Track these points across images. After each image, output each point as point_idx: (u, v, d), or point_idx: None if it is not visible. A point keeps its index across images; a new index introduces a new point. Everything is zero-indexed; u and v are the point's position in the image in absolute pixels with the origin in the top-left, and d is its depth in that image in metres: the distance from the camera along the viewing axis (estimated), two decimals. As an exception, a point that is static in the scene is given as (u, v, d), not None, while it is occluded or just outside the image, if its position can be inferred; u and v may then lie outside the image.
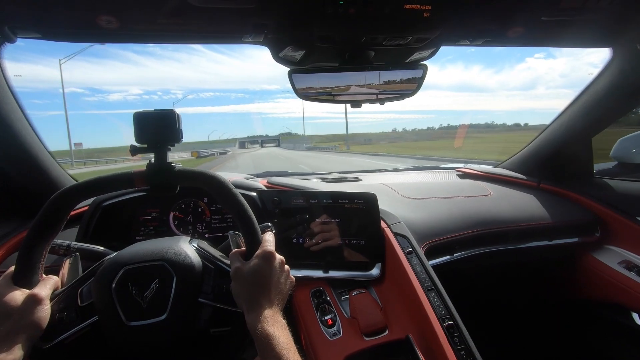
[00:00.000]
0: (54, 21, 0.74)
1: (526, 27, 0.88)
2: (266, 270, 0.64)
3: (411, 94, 0.92)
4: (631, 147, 1.44)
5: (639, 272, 1.18)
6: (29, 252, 0.61)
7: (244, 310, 0.61)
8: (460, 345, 0.76)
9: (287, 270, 0.70)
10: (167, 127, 0.66)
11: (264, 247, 0.67)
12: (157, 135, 0.66)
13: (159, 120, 0.65)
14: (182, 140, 0.68)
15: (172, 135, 0.66)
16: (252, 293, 0.62)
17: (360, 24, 0.75)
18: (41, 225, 0.62)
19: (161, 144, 0.67)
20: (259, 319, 0.58)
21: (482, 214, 1.26)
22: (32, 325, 0.57)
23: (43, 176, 1.09)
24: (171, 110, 0.66)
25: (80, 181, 0.65)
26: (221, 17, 0.76)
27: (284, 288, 0.67)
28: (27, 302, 0.58)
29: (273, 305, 0.62)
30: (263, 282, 0.63)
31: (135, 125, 0.65)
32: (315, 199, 1.01)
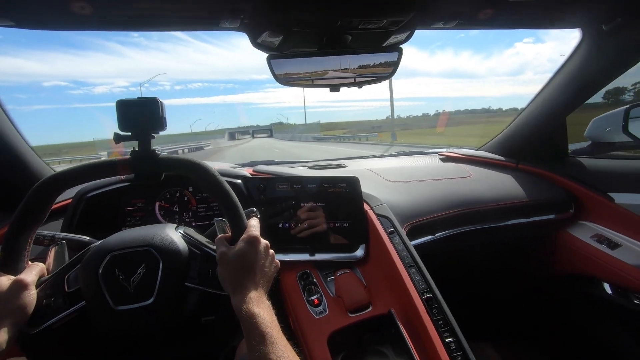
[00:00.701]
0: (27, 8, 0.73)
1: (496, 8, 0.90)
2: (251, 254, 0.66)
3: (388, 77, 0.94)
4: (604, 126, 1.49)
5: (609, 245, 1.25)
6: (13, 239, 0.62)
7: (230, 293, 0.63)
8: (439, 315, 0.80)
9: (272, 254, 0.72)
10: (150, 115, 0.66)
11: (249, 232, 0.68)
12: (140, 123, 0.66)
13: (142, 107, 0.66)
14: (166, 128, 0.69)
15: (156, 123, 0.67)
16: (237, 276, 0.64)
17: (335, 7, 0.76)
18: (25, 212, 0.62)
19: (145, 131, 0.67)
20: (244, 301, 0.60)
21: (462, 195, 1.30)
22: (17, 311, 0.58)
23: (24, 170, 1.08)
24: (154, 98, 0.66)
25: (64, 169, 0.66)
26: (197, 2, 0.76)
27: (269, 271, 0.69)
28: (12, 288, 0.58)
29: (258, 287, 0.64)
30: (248, 266, 0.65)
31: (119, 113, 0.65)
32: (300, 185, 1.03)
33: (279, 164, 1.68)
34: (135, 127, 0.67)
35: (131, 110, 0.66)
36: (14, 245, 0.62)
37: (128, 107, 0.65)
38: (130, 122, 0.66)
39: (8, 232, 0.61)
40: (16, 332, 0.57)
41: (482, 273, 1.61)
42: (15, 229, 0.61)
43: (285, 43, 0.89)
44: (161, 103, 0.67)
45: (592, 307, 1.40)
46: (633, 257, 1.17)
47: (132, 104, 0.66)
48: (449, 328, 0.78)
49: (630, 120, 1.34)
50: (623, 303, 1.24)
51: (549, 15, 0.99)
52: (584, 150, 1.56)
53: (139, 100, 0.66)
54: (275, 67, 0.89)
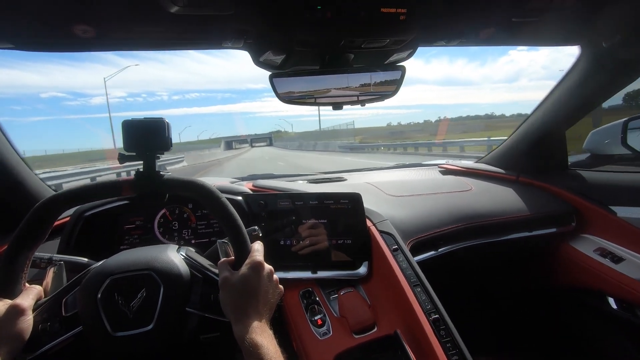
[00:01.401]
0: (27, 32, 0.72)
1: (497, 28, 0.91)
2: (255, 280, 0.64)
3: (391, 95, 0.94)
4: (602, 139, 1.50)
5: (613, 259, 1.24)
6: (11, 262, 0.60)
7: (232, 320, 0.61)
8: (447, 337, 0.79)
9: (276, 280, 0.70)
10: (156, 135, 0.66)
11: (253, 257, 0.67)
12: (146, 143, 0.66)
13: (148, 128, 0.65)
14: (171, 148, 0.68)
15: (161, 143, 0.66)
16: (240, 303, 0.62)
17: (338, 28, 0.77)
18: (25, 233, 0.61)
19: (150, 151, 0.67)
20: (247, 330, 0.58)
21: (464, 209, 1.29)
22: (13, 337, 0.56)
23: (20, 189, 1.06)
24: (161, 119, 0.66)
25: (66, 189, 0.65)
26: (200, 23, 0.76)
27: (272, 298, 0.68)
28: (8, 313, 0.57)
29: (261, 315, 0.62)
30: (251, 292, 0.63)
31: (124, 133, 0.64)
32: (301, 201, 1.02)
33: (278, 178, 1.67)
34: (140, 147, 0.66)
35: (137, 130, 0.65)
36: (11, 267, 0.60)
37: (134, 127, 0.65)
38: (135, 142, 0.66)
39: (6, 253, 0.60)
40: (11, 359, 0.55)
41: (486, 287, 1.60)
42: (14, 249, 0.60)
43: (287, 62, 0.89)
44: (167, 123, 0.67)
45: (597, 322, 1.39)
46: (638, 271, 1.16)
47: (138, 125, 0.65)
48: (457, 351, 0.76)
49: (628, 132, 1.35)
50: (628, 317, 1.23)
51: (550, 34, 1.00)
52: (583, 162, 1.57)
53: (145, 120, 0.65)
54: (277, 85, 0.89)
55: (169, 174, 0.69)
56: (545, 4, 0.81)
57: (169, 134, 0.67)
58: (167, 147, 0.67)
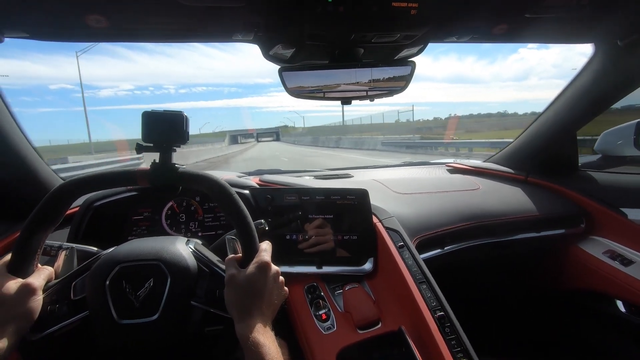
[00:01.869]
0: (42, 21, 0.73)
1: (511, 24, 0.90)
2: (261, 280, 0.65)
3: (400, 90, 0.94)
4: (614, 140, 1.48)
5: (623, 261, 1.22)
6: (27, 241, 0.61)
7: (235, 318, 0.62)
8: (452, 335, 0.78)
9: (282, 281, 0.71)
10: (174, 128, 0.67)
11: (261, 257, 0.67)
12: (164, 135, 0.67)
13: (167, 120, 0.66)
14: (187, 142, 0.69)
15: (178, 137, 0.67)
16: (244, 302, 0.63)
17: (349, 22, 0.76)
18: (41, 215, 0.62)
19: (167, 144, 0.67)
20: (249, 329, 0.59)
21: (471, 208, 1.28)
22: (23, 315, 0.57)
23: (32, 178, 1.08)
24: (180, 112, 0.67)
25: (84, 175, 0.66)
26: (211, 15, 0.76)
27: (277, 300, 0.68)
28: (20, 292, 0.58)
29: (264, 315, 0.63)
30: (256, 292, 0.64)
31: (144, 124, 0.65)
32: (308, 196, 1.02)
33: (285, 173, 1.67)
34: (158, 139, 0.67)
35: (156, 122, 0.66)
36: (26, 248, 0.62)
37: (153, 118, 0.66)
38: (153, 134, 0.67)
39: (22, 233, 0.61)
40: (19, 338, 0.57)
41: (492, 287, 1.59)
42: (30, 230, 0.61)
43: (297, 55, 0.89)
44: (186, 117, 0.68)
45: (605, 325, 1.37)
46: (647, 274, 1.15)
47: (158, 116, 0.66)
48: (462, 349, 0.76)
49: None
50: (637, 321, 1.21)
51: (564, 31, 0.98)
52: (594, 163, 1.54)
53: (165, 112, 0.66)
54: (287, 79, 0.89)
55: (184, 167, 0.70)
56: (559, 1, 0.79)
57: (187, 127, 0.68)
58: (184, 140, 0.68)
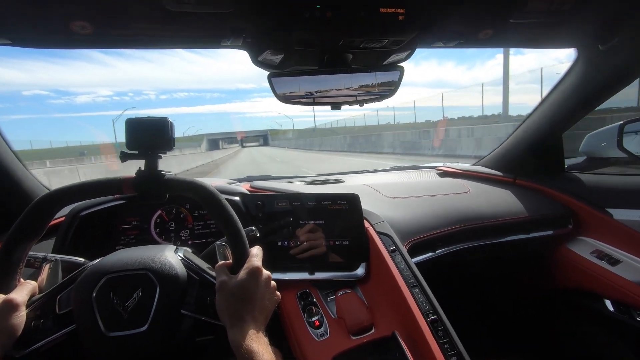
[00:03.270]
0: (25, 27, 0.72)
1: (495, 29, 0.92)
2: (252, 285, 0.64)
3: (389, 95, 0.94)
4: (598, 142, 1.51)
5: (610, 261, 1.24)
6: (8, 255, 0.60)
7: (227, 325, 0.61)
8: (445, 338, 0.78)
9: (274, 286, 0.70)
10: (159, 135, 0.66)
11: (252, 262, 0.66)
12: (148, 142, 0.66)
13: (151, 127, 0.65)
14: (173, 148, 0.68)
15: (163, 143, 0.66)
16: (236, 308, 0.62)
17: (337, 27, 0.77)
18: (23, 227, 0.60)
19: (152, 151, 0.66)
20: (242, 335, 0.58)
21: (461, 211, 1.29)
22: (5, 332, 0.56)
23: (15, 188, 1.05)
24: (164, 118, 0.66)
25: (67, 185, 0.64)
26: (199, 21, 0.76)
27: (269, 305, 0.67)
28: (2, 308, 0.56)
29: (257, 321, 0.62)
30: (248, 298, 0.63)
31: (127, 131, 0.64)
32: (299, 202, 1.02)
33: (275, 179, 1.66)
34: (142, 146, 0.66)
35: (140, 129, 0.65)
36: (7, 262, 0.60)
37: (137, 125, 0.65)
38: (137, 141, 0.65)
39: (3, 247, 0.59)
40: (1, 355, 0.55)
41: (483, 289, 1.60)
42: (11, 243, 0.59)
43: (286, 61, 0.89)
44: (171, 123, 0.67)
45: (594, 324, 1.39)
46: (634, 273, 1.17)
47: (142, 123, 0.65)
48: (455, 352, 0.76)
49: (624, 135, 1.35)
50: (625, 320, 1.23)
51: (547, 36, 1.01)
52: (579, 165, 1.57)
53: (149, 119, 0.65)
54: (276, 85, 0.89)
55: (170, 174, 0.69)
56: (542, 6, 0.81)
57: (172, 134, 0.67)
58: (170, 147, 0.67)
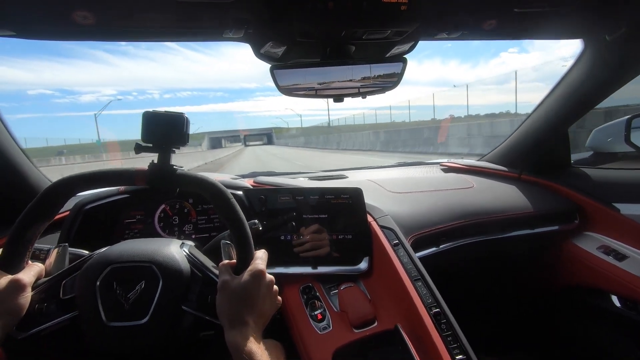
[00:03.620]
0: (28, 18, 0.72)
1: (500, 19, 0.90)
2: (254, 288, 0.64)
3: (392, 87, 0.94)
4: (605, 137, 1.49)
5: (617, 256, 1.23)
6: (20, 236, 0.60)
7: (225, 325, 0.61)
8: (448, 331, 0.78)
9: (276, 290, 0.70)
10: (174, 129, 0.66)
11: (255, 264, 0.66)
12: (163, 136, 0.66)
13: (167, 121, 0.66)
14: (187, 144, 0.69)
15: (178, 138, 0.67)
16: (236, 309, 0.62)
17: (340, 18, 0.76)
18: (35, 211, 0.61)
19: (166, 145, 0.67)
20: (240, 337, 0.58)
21: (466, 206, 1.28)
22: (10, 312, 0.56)
23: (21, 182, 1.06)
24: (181, 114, 0.66)
25: (82, 172, 0.65)
26: (201, 12, 0.76)
27: (270, 309, 0.67)
28: (8, 287, 0.57)
29: (256, 324, 0.62)
30: (249, 300, 0.63)
31: (144, 124, 0.65)
32: (302, 196, 1.02)
33: (279, 175, 1.66)
34: (157, 139, 0.66)
35: (156, 122, 0.66)
36: (17, 243, 0.60)
37: (154, 119, 0.65)
38: (153, 134, 0.66)
39: (15, 227, 0.60)
40: (4, 335, 0.55)
41: (487, 285, 1.59)
42: (24, 224, 0.60)
43: (288, 53, 0.88)
44: (186, 119, 0.67)
45: (600, 320, 1.37)
46: (641, 269, 1.15)
47: (159, 117, 0.65)
48: (458, 344, 0.75)
49: (632, 130, 1.33)
50: (632, 316, 1.21)
51: (552, 26, 0.99)
52: (586, 160, 1.55)
53: (166, 113, 0.66)
54: (278, 77, 0.88)
55: (182, 169, 0.69)
56: None
57: (187, 129, 0.68)
58: (184, 142, 0.68)
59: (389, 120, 33.64)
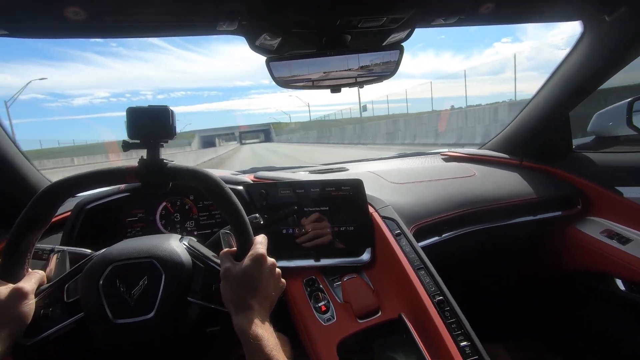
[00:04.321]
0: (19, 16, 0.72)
1: (497, 2, 0.89)
2: (256, 272, 0.64)
3: (389, 76, 0.93)
4: (607, 120, 1.48)
5: (620, 240, 1.22)
6: (16, 245, 0.60)
7: (232, 311, 0.61)
8: (452, 319, 0.78)
9: (278, 273, 0.70)
10: (160, 123, 0.66)
11: (256, 249, 0.67)
12: (150, 131, 0.66)
13: (152, 116, 0.65)
14: (175, 137, 0.68)
15: (165, 132, 0.66)
16: (240, 295, 0.62)
17: (334, 6, 0.76)
18: (30, 217, 0.61)
19: (154, 140, 0.66)
20: (247, 321, 0.58)
21: (467, 194, 1.28)
22: (15, 320, 0.56)
23: (21, 182, 1.06)
24: (165, 107, 0.66)
25: (72, 175, 0.65)
26: (194, 5, 0.75)
27: (274, 292, 0.67)
28: (11, 296, 0.57)
29: (261, 308, 0.62)
30: (252, 285, 0.63)
31: (128, 120, 0.64)
32: (303, 189, 1.02)
33: (280, 170, 1.66)
34: (144, 135, 0.66)
35: (141, 118, 0.65)
36: (15, 252, 0.60)
37: (138, 115, 0.65)
38: (139, 130, 0.65)
39: (10, 237, 0.60)
40: (12, 343, 0.55)
41: (491, 272, 1.59)
42: (18, 234, 0.60)
43: (284, 45, 0.88)
44: (172, 111, 0.66)
45: (605, 304, 1.37)
46: (646, 251, 1.15)
47: (143, 112, 0.65)
48: (462, 331, 0.75)
49: (634, 113, 1.32)
50: (636, 299, 1.21)
51: (550, 8, 0.98)
52: (588, 145, 1.54)
53: (150, 108, 0.65)
54: (274, 69, 0.88)
55: (173, 162, 0.69)
56: None
57: (173, 122, 0.67)
58: (172, 135, 0.67)
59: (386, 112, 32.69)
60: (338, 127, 39.72)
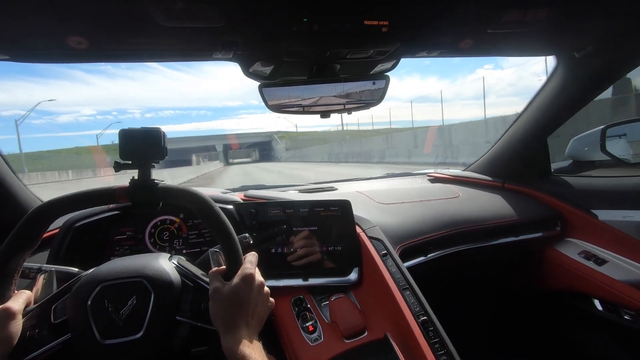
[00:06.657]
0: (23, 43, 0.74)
1: (475, 39, 0.96)
2: (245, 292, 0.65)
3: (376, 103, 0.98)
4: (583, 146, 1.56)
5: (597, 261, 1.27)
6: (3, 265, 0.60)
7: (220, 331, 0.61)
8: (435, 338, 0.80)
9: (267, 293, 0.71)
10: (152, 144, 0.68)
11: (245, 268, 0.67)
12: (141, 152, 0.68)
13: (144, 137, 0.67)
14: (166, 157, 0.70)
15: (156, 153, 0.68)
16: (229, 314, 0.62)
17: (324, 39, 0.80)
18: (18, 237, 0.61)
19: (146, 160, 0.68)
20: (235, 341, 0.59)
21: (452, 215, 1.32)
22: (2, 341, 0.56)
23: (10, 201, 1.05)
24: (157, 128, 0.68)
25: (61, 195, 0.65)
26: (191, 35, 0.79)
27: (262, 311, 0.68)
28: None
29: (250, 327, 0.63)
30: (241, 304, 0.64)
31: (120, 142, 0.66)
32: (292, 209, 1.03)
33: (269, 188, 1.68)
34: (135, 156, 0.68)
35: (133, 139, 0.67)
36: (3, 272, 0.60)
37: (130, 136, 0.67)
38: (131, 151, 0.67)
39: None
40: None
41: (475, 292, 1.62)
42: (7, 255, 0.60)
43: (276, 72, 0.92)
44: (163, 133, 0.68)
45: (583, 323, 1.41)
46: (620, 272, 1.20)
47: (134, 134, 0.67)
48: (445, 351, 0.77)
49: (607, 139, 1.40)
50: (613, 319, 1.25)
51: (525, 44, 1.05)
52: (565, 168, 1.61)
53: (141, 130, 0.67)
54: (267, 95, 0.91)
55: (163, 183, 0.70)
56: (517, 17, 0.85)
57: (165, 143, 0.69)
58: (162, 156, 0.69)
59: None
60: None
